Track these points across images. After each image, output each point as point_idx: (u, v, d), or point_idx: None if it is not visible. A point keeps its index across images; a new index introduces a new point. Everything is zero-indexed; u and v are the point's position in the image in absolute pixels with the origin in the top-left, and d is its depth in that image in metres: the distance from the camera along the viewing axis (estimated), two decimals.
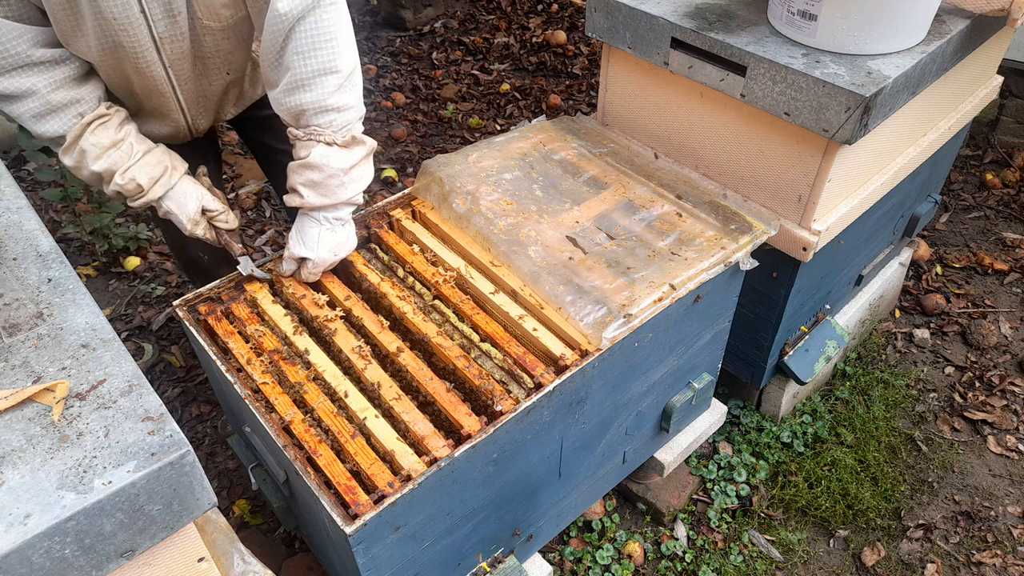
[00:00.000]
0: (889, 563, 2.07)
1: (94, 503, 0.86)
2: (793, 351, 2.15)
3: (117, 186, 1.46)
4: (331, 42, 1.37)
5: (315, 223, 1.51)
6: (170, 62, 1.49)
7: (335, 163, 1.45)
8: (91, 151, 1.43)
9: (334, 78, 1.39)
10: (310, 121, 1.43)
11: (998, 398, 2.47)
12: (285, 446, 1.28)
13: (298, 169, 1.47)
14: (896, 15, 1.57)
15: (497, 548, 1.61)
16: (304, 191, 1.48)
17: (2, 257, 1.18)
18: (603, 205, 1.75)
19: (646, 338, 1.56)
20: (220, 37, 1.53)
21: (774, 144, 1.74)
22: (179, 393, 2.50)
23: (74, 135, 1.42)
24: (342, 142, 1.45)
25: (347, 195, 1.49)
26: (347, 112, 1.44)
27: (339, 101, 1.41)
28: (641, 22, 1.81)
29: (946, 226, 3.15)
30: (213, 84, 1.64)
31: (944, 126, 2.07)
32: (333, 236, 1.53)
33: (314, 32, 1.35)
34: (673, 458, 2.09)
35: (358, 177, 1.51)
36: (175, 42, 1.46)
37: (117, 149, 1.45)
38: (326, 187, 1.46)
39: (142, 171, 1.47)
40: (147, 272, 2.94)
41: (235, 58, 1.63)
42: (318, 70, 1.38)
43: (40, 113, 1.39)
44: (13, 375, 1.00)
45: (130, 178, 1.46)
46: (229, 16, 1.50)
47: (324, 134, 1.43)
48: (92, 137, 1.43)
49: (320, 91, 1.39)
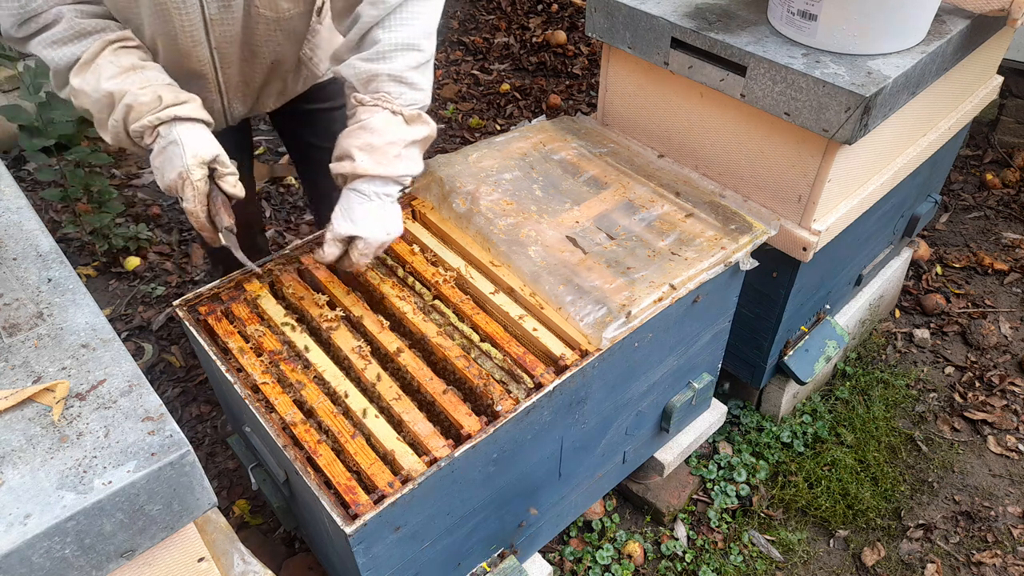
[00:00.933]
0: (889, 563, 2.07)
1: (94, 503, 0.86)
2: (793, 351, 2.15)
3: (130, 100, 1.29)
4: (420, 21, 1.37)
5: (363, 198, 1.40)
6: (217, 44, 1.47)
7: (398, 132, 1.38)
8: (108, 68, 1.30)
9: (416, 55, 1.37)
10: (380, 87, 1.37)
11: (998, 398, 2.47)
12: (285, 446, 1.28)
13: (355, 132, 1.38)
14: (896, 15, 1.57)
15: (497, 548, 1.61)
16: (358, 155, 1.37)
17: (2, 257, 1.18)
18: (603, 205, 1.75)
19: (646, 338, 1.56)
20: (273, 28, 1.52)
21: (774, 144, 1.74)
22: (179, 393, 2.50)
23: (93, 52, 1.31)
24: (408, 115, 1.39)
25: (400, 169, 1.39)
26: (419, 92, 1.40)
27: (414, 77, 1.38)
28: (641, 22, 1.81)
29: (946, 226, 3.15)
30: (256, 73, 1.62)
31: (944, 126, 2.07)
32: (383, 212, 1.41)
33: (409, 11, 1.35)
34: (673, 458, 2.09)
35: (413, 156, 1.42)
36: (225, 25, 1.44)
37: (136, 73, 1.32)
38: (383, 154, 1.37)
39: (165, 89, 1.33)
40: (147, 272, 2.94)
41: (284, 51, 1.61)
42: (402, 44, 1.35)
43: (62, 39, 1.29)
44: (13, 375, 1.00)
45: (151, 90, 1.30)
46: (287, 9, 1.49)
47: (392, 102, 1.37)
48: (112, 56, 1.31)
49: (400, 63, 1.36)
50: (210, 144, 1.34)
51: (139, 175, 3.42)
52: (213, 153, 1.34)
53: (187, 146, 1.31)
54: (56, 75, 1.34)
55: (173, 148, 1.31)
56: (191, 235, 3.12)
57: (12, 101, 3.16)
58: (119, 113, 1.30)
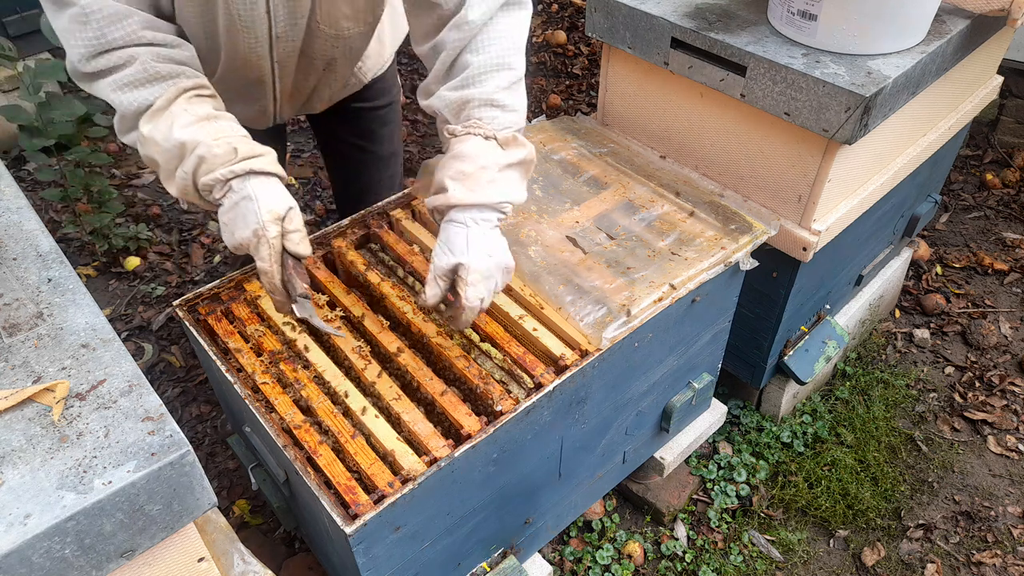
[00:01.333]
0: (889, 563, 2.07)
1: (94, 503, 0.86)
2: (793, 351, 2.15)
3: (203, 151, 1.20)
4: (508, 37, 1.32)
5: (460, 226, 1.30)
6: (278, 57, 1.47)
7: (490, 156, 1.30)
8: (182, 117, 1.22)
9: (507, 74, 1.31)
10: (472, 114, 1.31)
11: (998, 398, 2.47)
12: (285, 446, 1.28)
13: (447, 162, 1.32)
14: (896, 15, 1.58)
15: (497, 548, 1.61)
16: (450, 184, 1.29)
17: (2, 257, 1.18)
18: (603, 205, 1.75)
19: (646, 338, 1.56)
20: (331, 44, 1.52)
21: (774, 144, 1.74)
22: (179, 393, 2.50)
23: (167, 99, 1.22)
24: (501, 138, 1.31)
25: (496, 195, 1.30)
26: (511, 113, 1.33)
27: (506, 99, 1.32)
28: (641, 22, 1.81)
29: (946, 226, 3.15)
30: (310, 82, 1.63)
31: (944, 126, 2.07)
32: (484, 238, 1.30)
33: (495, 29, 1.31)
34: (673, 458, 2.09)
35: (511, 180, 1.32)
36: (288, 41, 1.44)
37: (211, 123, 1.24)
38: (475, 180, 1.29)
39: (240, 141, 1.24)
40: (147, 272, 2.94)
41: (338, 65, 1.62)
42: (492, 64, 1.30)
43: (135, 81, 1.21)
44: (13, 375, 1.00)
45: (226, 141, 1.22)
46: (348, 28, 1.49)
47: (484, 127, 1.31)
48: (187, 104, 1.24)
49: (490, 84, 1.30)
50: (285, 198, 1.26)
51: (139, 175, 3.42)
52: (287, 206, 1.25)
53: (262, 201, 1.21)
54: (122, 119, 1.25)
55: (247, 203, 1.22)
56: (191, 235, 3.12)
57: (12, 101, 3.16)
58: (190, 164, 1.21)
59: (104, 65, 1.20)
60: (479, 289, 1.29)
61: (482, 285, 1.29)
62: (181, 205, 1.52)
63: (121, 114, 1.24)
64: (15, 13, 3.28)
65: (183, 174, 1.22)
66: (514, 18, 1.34)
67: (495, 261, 1.31)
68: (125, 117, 1.24)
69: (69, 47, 1.19)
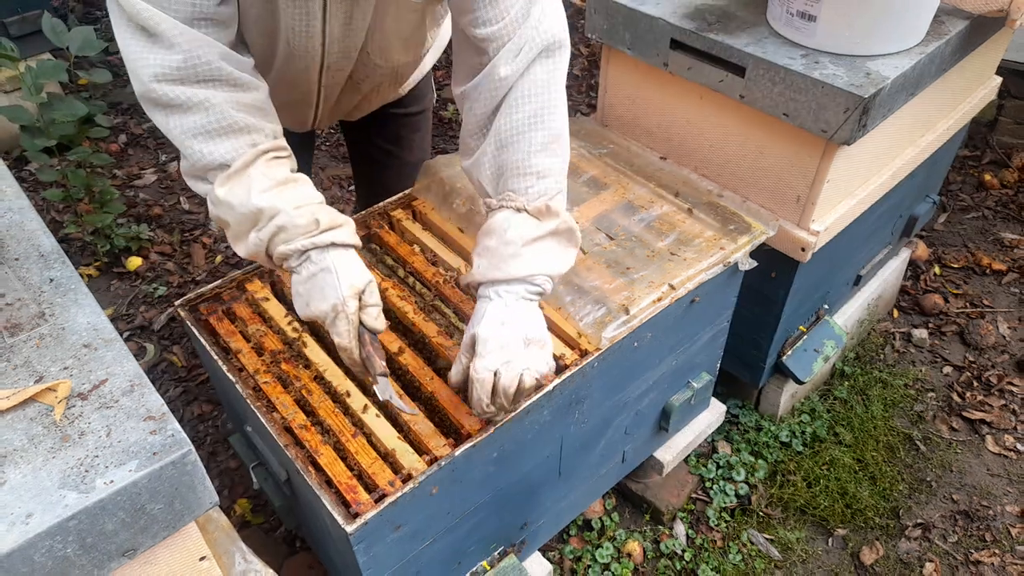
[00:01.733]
0: (887, 562, 2.08)
1: (96, 502, 0.86)
2: (792, 351, 2.16)
3: (283, 220, 1.16)
4: (544, 95, 1.23)
5: (484, 300, 1.26)
6: (326, 83, 1.48)
7: (515, 230, 1.23)
8: (260, 182, 1.16)
9: (540, 135, 1.23)
10: (507, 185, 1.26)
11: (996, 398, 2.48)
12: (286, 445, 1.29)
13: (478, 238, 1.29)
14: (895, 16, 1.58)
15: (497, 547, 1.62)
16: (476, 260, 1.27)
17: (4, 257, 1.18)
18: (602, 205, 1.75)
19: (645, 338, 1.56)
20: (380, 72, 1.53)
21: (773, 145, 1.75)
22: (180, 393, 2.51)
23: (245, 161, 1.17)
24: (532, 209, 1.25)
25: (521, 270, 1.23)
26: (547, 179, 1.25)
27: (542, 163, 1.24)
28: (641, 23, 1.81)
29: (944, 226, 3.15)
30: (353, 100, 1.64)
31: (942, 127, 2.07)
32: (506, 309, 1.23)
33: (529, 84, 1.22)
34: (672, 457, 2.09)
35: (541, 252, 1.25)
36: (338, 71, 1.45)
37: (289, 187, 1.19)
38: (498, 256, 1.23)
39: (322, 211, 1.20)
40: (149, 272, 2.95)
41: (384, 87, 1.64)
42: (525, 125, 1.23)
43: (212, 130, 1.15)
44: (15, 375, 1.00)
45: (307, 212, 1.17)
46: (398, 59, 1.50)
47: (516, 200, 1.25)
48: (265, 168, 1.18)
49: (524, 147, 1.23)
50: (364, 272, 1.22)
51: (140, 175, 3.42)
52: (367, 280, 1.22)
53: (343, 275, 1.18)
54: (192, 168, 1.20)
55: (326, 276, 1.18)
56: (192, 235, 3.13)
57: (14, 102, 3.17)
58: (267, 232, 1.17)
59: (177, 98, 1.13)
60: (488, 360, 1.20)
61: (493, 356, 1.20)
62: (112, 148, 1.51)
63: (192, 163, 1.18)
64: (16, 14, 3.29)
65: (258, 240, 1.18)
66: (551, 65, 1.24)
67: (510, 331, 1.21)
68: (195, 167, 1.19)
69: (140, 67, 1.11)
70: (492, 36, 1.21)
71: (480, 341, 1.21)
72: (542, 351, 1.25)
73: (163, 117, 1.15)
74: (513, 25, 1.20)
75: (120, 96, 3.82)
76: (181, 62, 1.10)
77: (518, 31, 1.20)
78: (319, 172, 3.45)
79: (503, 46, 1.21)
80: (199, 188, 1.22)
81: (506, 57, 1.21)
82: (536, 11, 1.21)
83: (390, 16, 1.38)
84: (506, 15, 1.20)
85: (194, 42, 1.10)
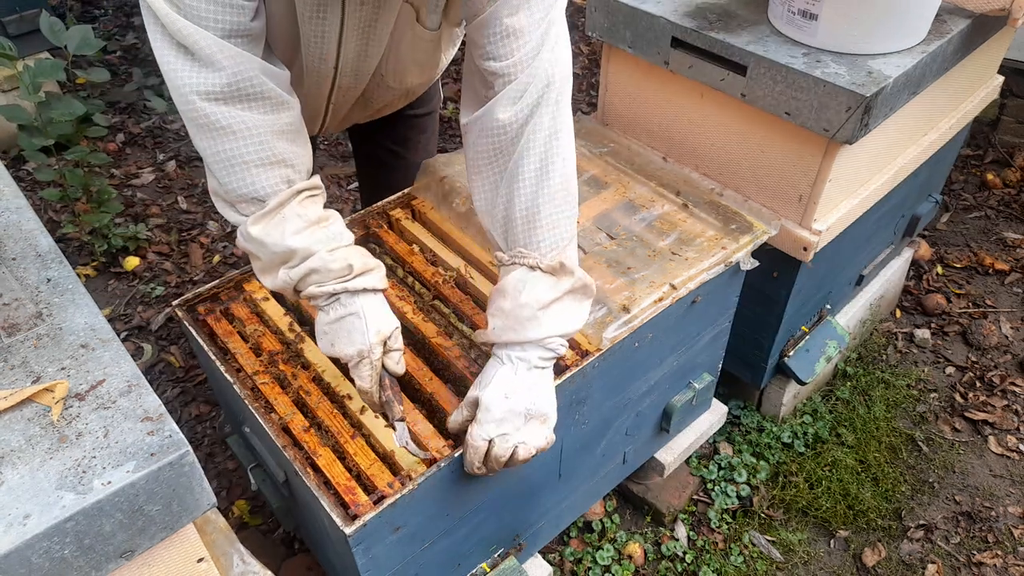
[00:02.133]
0: (890, 563, 2.07)
1: (93, 503, 0.85)
2: (794, 351, 2.15)
3: (317, 263, 1.15)
4: (552, 141, 1.19)
5: (496, 361, 1.25)
6: (335, 100, 1.47)
7: (530, 292, 1.21)
8: (294, 222, 1.16)
9: (550, 183, 1.19)
10: (517, 239, 1.23)
11: (999, 398, 2.47)
12: (284, 446, 1.28)
13: (493, 295, 1.27)
14: (897, 15, 1.57)
15: (497, 548, 1.61)
16: (490, 321, 1.26)
17: (1, 257, 1.18)
18: (603, 205, 1.75)
19: (646, 338, 1.56)
20: (392, 94, 1.53)
21: (775, 144, 1.74)
22: (178, 393, 2.50)
23: (280, 200, 1.16)
24: (546, 267, 1.22)
25: (540, 333, 1.22)
26: (558, 229, 1.22)
27: (552, 213, 1.21)
28: (641, 22, 1.81)
29: (947, 226, 3.15)
30: (362, 114, 1.64)
31: (945, 126, 2.06)
32: (514, 377, 1.22)
33: (534, 130, 1.18)
34: (673, 458, 2.08)
35: (556, 314, 1.23)
36: (349, 90, 1.44)
37: (322, 228, 1.18)
38: (514, 319, 1.22)
39: (354, 255, 1.19)
40: (146, 272, 2.94)
41: (395, 104, 1.64)
42: (533, 173, 1.19)
43: (250, 161, 1.13)
44: (12, 375, 1.00)
45: (341, 256, 1.17)
46: (412, 81, 1.49)
47: (528, 257, 1.22)
48: (300, 208, 1.17)
49: (533, 198, 1.19)
50: (391, 318, 1.23)
51: (138, 175, 3.41)
52: (394, 326, 1.23)
53: (371, 321, 1.18)
54: (228, 194, 1.18)
55: (355, 321, 1.18)
56: (190, 235, 3.12)
57: (11, 101, 3.16)
58: (298, 272, 1.16)
59: (219, 120, 1.10)
60: (485, 429, 1.21)
61: (491, 427, 1.21)
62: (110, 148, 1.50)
63: (226, 190, 1.16)
64: (14, 13, 3.28)
65: (287, 278, 1.18)
66: (556, 107, 1.19)
67: (513, 404, 1.21)
68: (228, 195, 1.17)
69: (182, 83, 1.08)
70: (500, 72, 1.17)
71: (482, 407, 1.21)
72: (542, 426, 1.26)
73: (203, 139, 1.12)
74: (522, 64, 1.16)
75: (118, 95, 3.81)
76: (226, 82, 1.08)
77: (526, 70, 1.16)
78: (318, 171, 3.44)
79: (508, 83, 1.17)
80: (229, 215, 1.20)
81: (506, 100, 1.17)
82: (546, 51, 1.17)
83: (405, 42, 1.38)
84: (517, 53, 1.16)
85: (236, 59, 1.07)
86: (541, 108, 1.18)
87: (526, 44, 1.15)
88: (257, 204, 1.16)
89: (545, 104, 1.18)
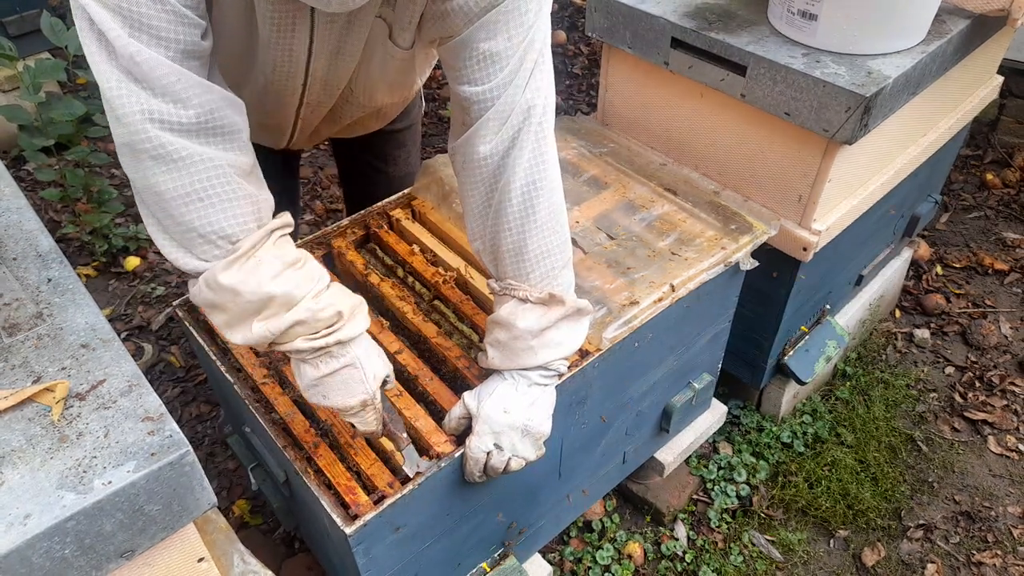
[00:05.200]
0: (889, 563, 2.07)
1: (94, 503, 0.86)
2: (793, 351, 2.15)
3: (304, 314, 1.04)
4: (536, 169, 1.16)
5: (499, 376, 1.27)
6: (303, 115, 1.44)
7: (523, 323, 1.21)
8: (270, 265, 1.04)
9: (536, 214, 1.18)
10: (506, 271, 1.23)
11: (998, 398, 2.47)
12: (285, 446, 1.28)
13: (489, 325, 1.28)
14: (896, 15, 1.57)
15: (497, 548, 1.61)
16: (490, 351, 1.27)
17: (2, 257, 1.18)
18: (603, 205, 1.75)
19: (646, 338, 1.56)
20: (363, 112, 1.51)
21: (774, 144, 1.74)
22: (179, 393, 2.50)
23: (253, 241, 1.04)
24: (535, 299, 1.22)
25: (537, 361, 1.24)
26: (548, 259, 1.21)
27: (539, 244, 1.19)
28: (641, 22, 1.81)
29: (946, 226, 3.15)
30: (331, 129, 1.61)
31: (944, 126, 2.06)
32: (515, 393, 1.24)
33: (516, 160, 1.15)
34: (673, 458, 2.09)
35: (553, 342, 1.24)
36: (317, 106, 1.41)
37: (297, 269, 1.07)
38: (512, 350, 1.24)
39: (340, 298, 1.10)
40: (147, 272, 2.94)
41: (367, 120, 1.62)
42: (518, 205, 1.17)
43: (222, 194, 1.01)
44: (13, 375, 1.00)
45: (328, 303, 1.07)
46: (382, 100, 1.47)
47: (518, 289, 1.22)
48: (274, 248, 1.06)
49: (519, 230, 1.18)
50: (383, 358, 1.19)
51: None
52: (388, 369, 1.19)
53: (368, 369, 1.13)
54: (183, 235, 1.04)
55: (351, 372, 1.11)
56: None
57: (12, 101, 3.16)
58: (280, 324, 1.03)
59: (177, 151, 0.97)
60: (483, 441, 1.23)
61: (488, 439, 1.23)
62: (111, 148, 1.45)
63: (182, 227, 1.02)
64: (15, 13, 3.28)
65: (265, 332, 1.04)
66: (538, 134, 1.16)
67: (510, 419, 1.23)
68: (185, 232, 1.02)
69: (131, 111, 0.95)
70: (476, 97, 1.13)
71: (480, 420, 1.23)
72: (536, 441, 1.29)
73: (157, 171, 0.98)
74: (499, 90, 1.11)
75: None
76: (194, 119, 0.97)
77: (503, 95, 1.12)
78: (318, 171, 3.44)
79: (485, 111, 1.12)
80: (183, 261, 1.05)
81: (486, 131, 1.13)
82: (524, 76, 1.12)
83: (376, 60, 1.33)
84: (494, 78, 1.11)
85: (198, 90, 0.97)
86: (522, 138, 1.14)
87: (503, 69, 1.11)
88: (221, 245, 1.02)
89: (526, 133, 1.14)
